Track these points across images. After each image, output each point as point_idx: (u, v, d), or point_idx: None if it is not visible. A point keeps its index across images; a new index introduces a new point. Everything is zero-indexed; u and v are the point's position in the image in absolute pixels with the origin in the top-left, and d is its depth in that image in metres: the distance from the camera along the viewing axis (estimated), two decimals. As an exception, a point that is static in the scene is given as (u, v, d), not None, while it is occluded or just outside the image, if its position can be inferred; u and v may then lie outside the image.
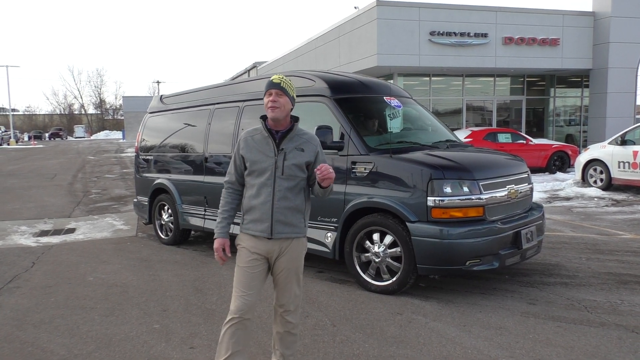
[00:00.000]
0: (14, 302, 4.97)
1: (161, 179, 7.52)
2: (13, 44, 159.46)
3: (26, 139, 68.03)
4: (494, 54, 17.28)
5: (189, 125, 7.20)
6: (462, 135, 15.74)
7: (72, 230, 8.67)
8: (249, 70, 37.93)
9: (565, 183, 13.26)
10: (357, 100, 5.61)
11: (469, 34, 16.92)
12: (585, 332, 3.93)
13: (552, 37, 17.74)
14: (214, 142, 6.68)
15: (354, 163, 5.06)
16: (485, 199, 4.63)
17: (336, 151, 5.16)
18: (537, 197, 11.28)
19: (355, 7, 19.30)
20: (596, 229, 7.87)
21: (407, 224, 4.61)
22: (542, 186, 12.82)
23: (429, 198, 4.52)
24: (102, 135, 76.45)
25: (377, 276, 4.97)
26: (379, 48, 16.07)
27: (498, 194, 4.76)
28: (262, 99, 6.08)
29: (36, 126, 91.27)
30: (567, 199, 11.22)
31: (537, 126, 21.74)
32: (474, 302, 4.64)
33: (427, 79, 18.86)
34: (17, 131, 70.78)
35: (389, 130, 5.69)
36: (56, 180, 16.65)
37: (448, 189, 4.53)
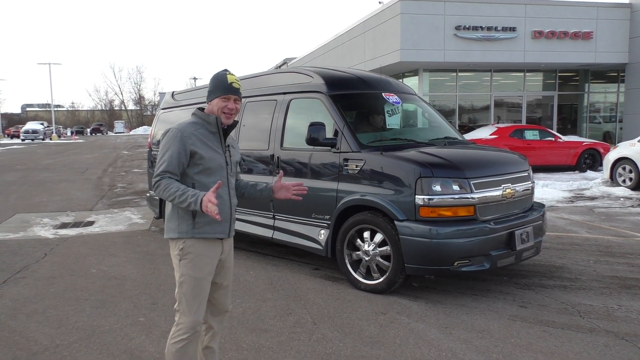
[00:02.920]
0: (16, 292, 5.14)
1: (170, 174, 7.62)
2: (59, 42, 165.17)
3: (69, 134, 70.39)
4: (523, 48, 16.82)
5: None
6: (487, 132, 15.42)
7: (90, 223, 8.90)
8: (279, 66, 38.13)
9: (593, 182, 12.80)
10: (353, 97, 5.55)
11: (496, 28, 16.52)
12: (571, 338, 3.78)
13: (584, 31, 17.13)
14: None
15: (345, 160, 5.01)
16: (477, 198, 4.50)
17: (329, 148, 5.12)
18: (560, 196, 10.94)
19: (379, 2, 19.11)
20: (614, 230, 7.56)
21: (395, 222, 4.53)
22: (567, 185, 12.42)
23: (417, 196, 4.44)
24: (140, 130, 78.38)
25: (368, 275, 4.91)
26: (403, 43, 15.87)
27: (491, 193, 4.62)
28: (264, 95, 6.19)
29: (79, 122, 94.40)
30: (592, 198, 10.82)
31: (571, 123, 21.09)
32: (463, 304, 4.53)
33: (454, 74, 18.51)
34: (61, 126, 73.29)
35: (388, 127, 5.63)
36: (86, 175, 17.13)
37: (437, 188, 4.43)
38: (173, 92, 8.39)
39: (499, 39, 16.58)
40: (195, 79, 76.35)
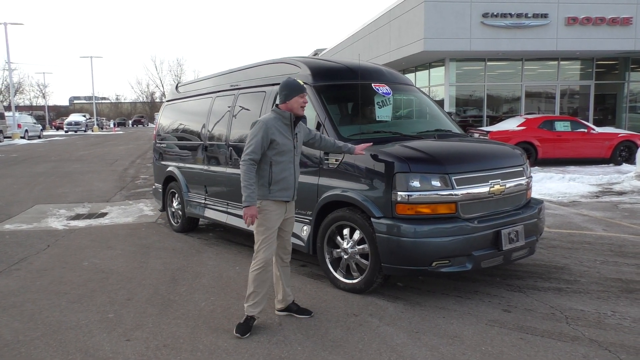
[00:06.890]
0: (4, 284, 5.19)
1: (171, 166, 7.61)
2: (104, 36, 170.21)
3: (111, 125, 72.40)
4: (555, 35, 16.04)
5: (192, 113, 7.22)
6: (515, 123, 14.84)
7: (103, 215, 9.00)
8: (312, 58, 37.93)
9: (626, 176, 12.09)
10: (340, 88, 5.32)
11: (526, 15, 15.79)
12: (549, 347, 3.49)
13: (623, 16, 16.18)
14: (214, 130, 6.64)
15: (326, 154, 4.81)
16: (460, 194, 4.23)
17: (311, 141, 4.93)
18: (585, 190, 10.39)
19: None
20: (633, 228, 7.08)
21: (372, 219, 4.32)
22: (597, 179, 11.79)
23: (393, 192, 4.20)
24: (179, 122, 79.61)
25: (348, 274, 4.72)
26: (426, 32, 15.39)
27: (476, 190, 4.33)
28: (255, 86, 6.05)
29: (121, 114, 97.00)
30: (620, 193, 10.22)
31: (611, 113, 20.07)
32: (443, 306, 4.28)
33: (482, 64, 17.86)
34: (104, 118, 75.40)
35: (377, 119, 5.39)
36: (114, 166, 17.46)
37: (415, 183, 4.18)
38: (177, 84, 8.35)
39: (529, 26, 15.85)
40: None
